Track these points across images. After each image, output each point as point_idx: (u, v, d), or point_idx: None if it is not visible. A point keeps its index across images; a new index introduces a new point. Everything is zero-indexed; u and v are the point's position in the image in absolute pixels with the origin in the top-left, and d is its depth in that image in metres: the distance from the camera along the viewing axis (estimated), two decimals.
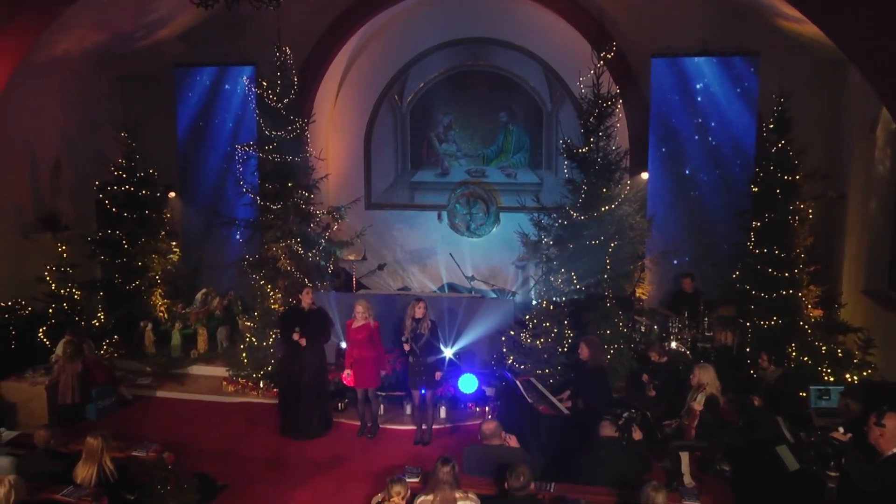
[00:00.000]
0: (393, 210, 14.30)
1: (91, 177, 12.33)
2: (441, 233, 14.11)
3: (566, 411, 8.13)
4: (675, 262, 11.60)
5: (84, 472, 6.21)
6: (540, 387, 8.59)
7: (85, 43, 11.60)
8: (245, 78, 12.17)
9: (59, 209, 11.79)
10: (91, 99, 12.56)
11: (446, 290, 13.10)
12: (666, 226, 11.60)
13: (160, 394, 10.66)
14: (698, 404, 7.60)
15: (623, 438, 6.82)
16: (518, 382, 8.33)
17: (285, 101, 11.45)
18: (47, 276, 11.02)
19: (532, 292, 12.22)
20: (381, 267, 13.02)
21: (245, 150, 11.77)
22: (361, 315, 8.80)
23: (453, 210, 14.00)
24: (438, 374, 8.77)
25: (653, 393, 8.65)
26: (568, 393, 8.69)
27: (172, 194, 13.03)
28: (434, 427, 9.10)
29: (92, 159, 12.44)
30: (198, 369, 11.25)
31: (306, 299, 9.14)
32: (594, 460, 6.65)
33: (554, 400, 8.36)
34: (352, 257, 12.76)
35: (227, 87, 12.77)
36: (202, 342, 11.55)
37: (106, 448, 6.32)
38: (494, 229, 13.95)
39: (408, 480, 6.10)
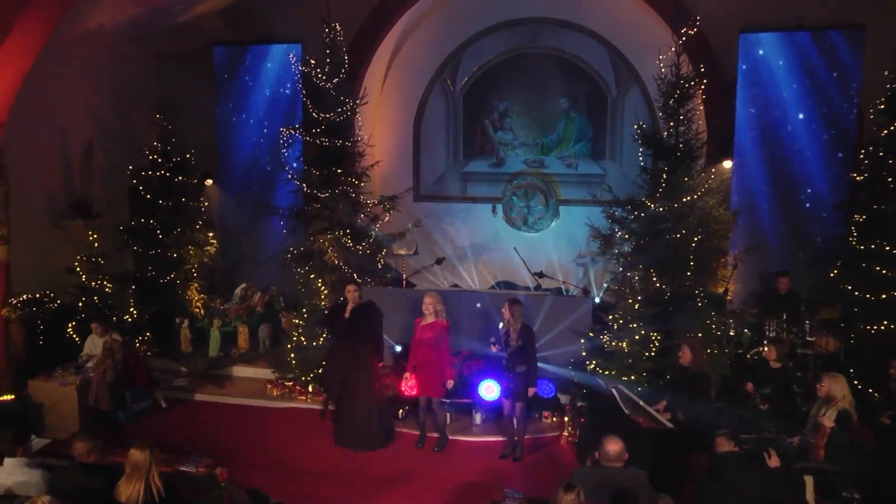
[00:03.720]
0: (443, 203, 13.31)
1: (123, 162, 11.43)
2: (495, 227, 13.12)
3: (670, 424, 7.09)
4: (763, 259, 10.52)
5: (129, 490, 5.23)
6: (633, 396, 7.57)
7: (120, 17, 10.73)
8: (292, 56, 11.23)
9: (91, 195, 10.90)
10: (125, 78, 11.67)
11: (501, 288, 12.09)
12: (751, 218, 10.54)
13: (198, 397, 9.75)
14: (829, 420, 6.54)
15: (747, 455, 5.80)
16: (614, 391, 7.30)
17: (335, 80, 10.56)
18: (77, 266, 10.15)
19: (601, 290, 11.25)
20: (439, 261, 12.04)
21: (291, 133, 10.86)
22: (430, 310, 7.81)
23: (509, 203, 13.00)
24: (532, 391, 7.75)
25: (764, 406, 7.55)
26: (664, 403, 7.67)
27: (209, 182, 12.13)
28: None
29: (125, 143, 11.55)
30: (239, 370, 10.34)
31: (352, 295, 8.16)
32: (716, 483, 5.62)
33: (652, 411, 7.33)
34: (402, 251, 11.79)
35: (270, 66, 11.89)
36: (243, 341, 10.63)
37: (154, 462, 5.37)
38: (553, 223, 12.93)
39: None
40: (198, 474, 6.03)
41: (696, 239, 9.46)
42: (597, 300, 10.47)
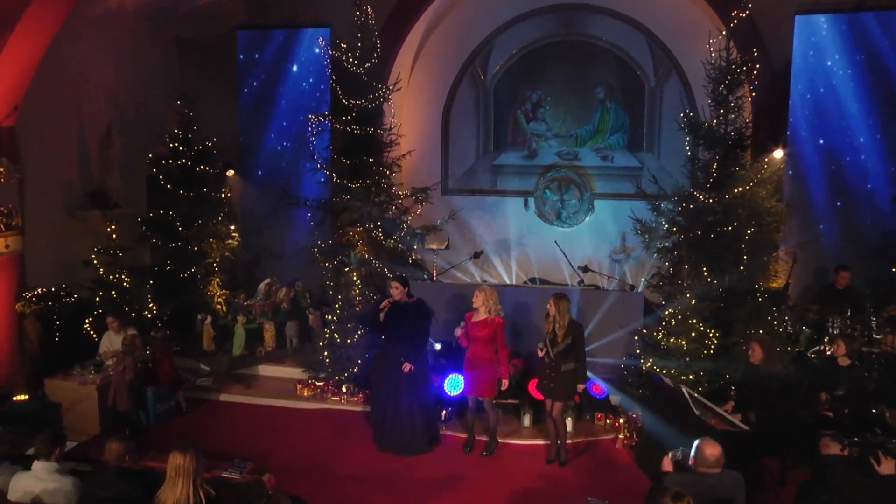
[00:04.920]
0: (472, 196, 12.76)
1: (142, 150, 10.88)
2: (527, 221, 12.57)
3: (744, 426, 6.54)
4: (815, 253, 9.99)
5: (174, 497, 4.68)
6: (697, 396, 7.02)
7: None
8: (321, 40, 10.70)
9: (108, 184, 10.36)
10: (144, 63, 11.13)
11: (537, 284, 11.55)
12: (803, 210, 10.02)
13: (224, 397, 9.19)
14: None
15: (856, 459, 5.25)
16: (685, 391, 6.74)
17: (366, 65, 10.05)
18: (94, 259, 9.61)
19: (640, 287, 10.74)
20: (476, 255, 11.47)
21: (319, 120, 10.33)
22: (482, 307, 7.25)
23: (542, 196, 12.46)
24: (581, 387, 7.23)
25: (830, 414, 7.00)
26: (731, 404, 7.13)
27: (231, 173, 11.57)
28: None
29: (143, 131, 10.99)
30: (265, 369, 9.77)
31: (396, 292, 7.61)
32: (821, 488, 5.08)
33: (722, 412, 6.80)
34: (434, 246, 11.25)
35: (296, 51, 11.36)
36: (269, 339, 10.07)
37: (199, 466, 4.82)
38: (588, 218, 12.39)
39: None
40: (242, 481, 5.49)
41: (748, 232, 9.02)
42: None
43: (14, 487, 4.99)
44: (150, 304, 10.11)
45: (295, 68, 11.40)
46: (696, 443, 4.91)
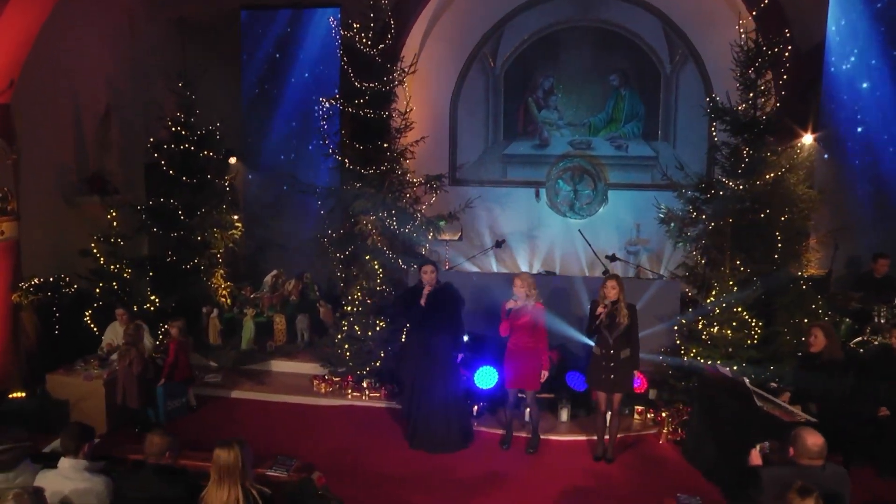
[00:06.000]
0: (481, 187, 12.30)
1: (140, 135, 10.29)
2: (538, 213, 12.17)
3: (811, 418, 6.18)
4: (847, 240, 9.71)
5: (223, 499, 4.17)
6: (753, 387, 6.65)
7: None
8: (332, 19, 10.19)
9: (107, 169, 9.74)
10: (144, 43, 10.54)
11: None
12: (835, 197, 9.75)
13: (235, 394, 8.65)
14: None
15: None
16: (746, 381, 6.36)
17: (380, 47, 9.60)
18: (94, 248, 8.99)
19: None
20: (498, 244, 11.05)
21: (331, 104, 9.84)
22: (522, 293, 6.82)
23: (555, 187, 12.07)
24: (638, 374, 6.85)
25: (885, 412, 6.68)
26: (787, 395, 6.78)
27: (233, 160, 11.00)
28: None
29: (141, 114, 10.41)
30: (277, 365, 9.24)
31: (429, 277, 7.13)
32: None
33: (781, 403, 6.44)
34: (447, 237, 10.82)
35: (302, 32, 10.85)
36: (280, 333, 9.52)
37: (248, 463, 4.32)
38: (602, 209, 12.03)
39: None
40: (290, 479, 4.98)
41: (783, 219, 8.76)
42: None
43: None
44: (153, 297, 9.48)
45: (302, 49, 10.88)
46: (795, 432, 4.52)
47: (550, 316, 7.03)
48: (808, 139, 9.85)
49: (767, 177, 8.90)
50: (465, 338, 8.49)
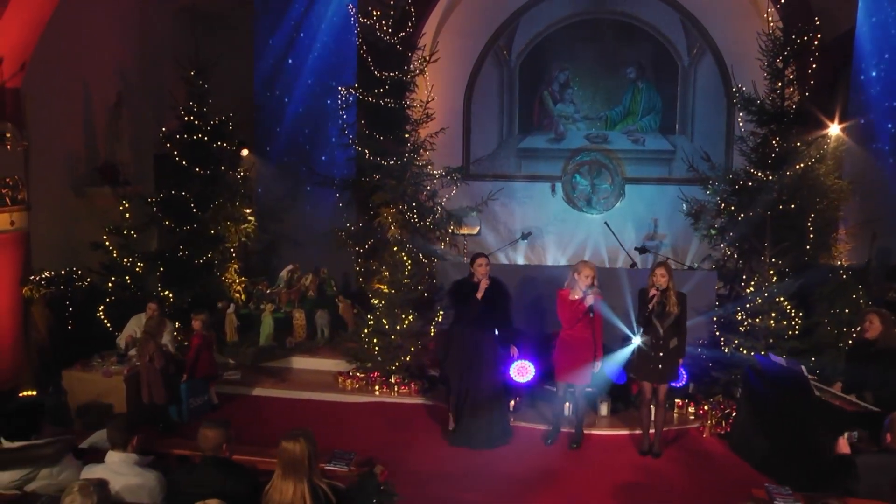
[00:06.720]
0: (495, 181, 12.05)
1: (150, 125, 9.94)
2: (554, 207, 11.94)
3: (872, 407, 5.97)
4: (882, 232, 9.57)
5: (288, 495, 3.87)
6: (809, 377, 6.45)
7: None
8: (350, 7, 9.91)
9: (118, 159, 9.38)
10: (154, 32, 10.19)
11: None
12: (863, 188, 9.61)
13: (257, 391, 8.31)
14: None
15: None
16: (803, 369, 6.15)
17: (400, 35, 9.38)
18: (106, 241, 8.62)
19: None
20: (524, 236, 10.83)
21: (349, 93, 9.58)
22: (588, 282, 6.51)
23: (571, 181, 11.86)
24: (680, 360, 6.63)
25: None
26: (839, 385, 6.58)
27: (245, 152, 10.65)
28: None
29: (152, 104, 10.06)
30: (298, 361, 8.92)
31: (483, 270, 6.81)
32: None
33: (835, 392, 6.25)
34: (465, 231, 10.58)
35: (317, 19, 10.55)
36: (300, 329, 9.20)
37: (315, 456, 4.03)
38: (619, 203, 11.83)
39: None
40: (351, 474, 4.68)
41: (814, 210, 8.68)
42: None
43: None
44: (166, 293, 9.10)
45: (317, 37, 10.57)
46: (893, 418, 4.31)
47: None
48: (835, 129, 9.73)
49: (797, 167, 8.81)
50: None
